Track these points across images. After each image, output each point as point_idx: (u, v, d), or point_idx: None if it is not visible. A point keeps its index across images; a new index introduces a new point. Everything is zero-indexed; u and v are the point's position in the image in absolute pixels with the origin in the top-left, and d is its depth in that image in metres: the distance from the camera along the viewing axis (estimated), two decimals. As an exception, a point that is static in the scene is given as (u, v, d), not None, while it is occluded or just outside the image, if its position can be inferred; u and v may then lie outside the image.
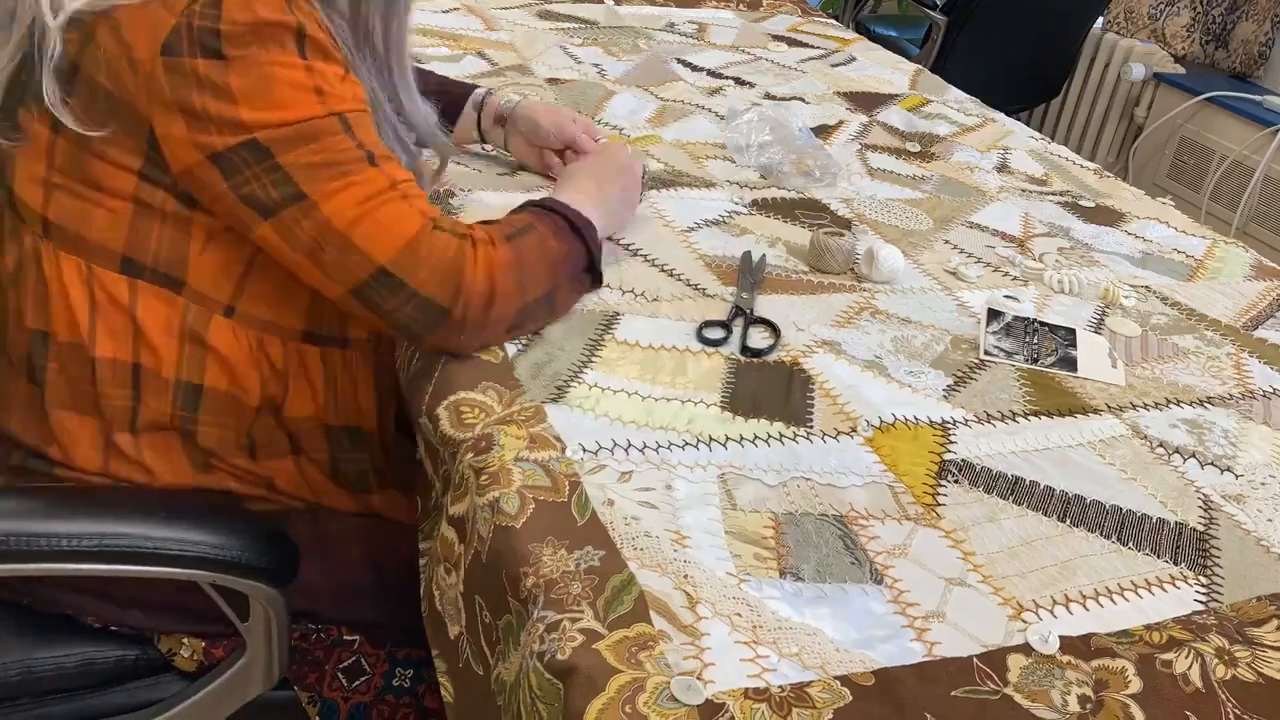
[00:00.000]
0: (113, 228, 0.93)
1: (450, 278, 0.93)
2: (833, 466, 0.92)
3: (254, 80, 0.87)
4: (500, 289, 0.95)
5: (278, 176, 0.89)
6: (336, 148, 0.90)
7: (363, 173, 0.91)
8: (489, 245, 0.96)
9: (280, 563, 0.96)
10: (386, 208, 0.92)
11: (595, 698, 0.67)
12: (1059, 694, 0.73)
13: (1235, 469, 1.00)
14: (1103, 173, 1.67)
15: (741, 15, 2.27)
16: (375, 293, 0.92)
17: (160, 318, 0.96)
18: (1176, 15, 3.29)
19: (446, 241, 0.93)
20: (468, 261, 0.94)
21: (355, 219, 0.90)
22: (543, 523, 0.80)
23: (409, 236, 0.92)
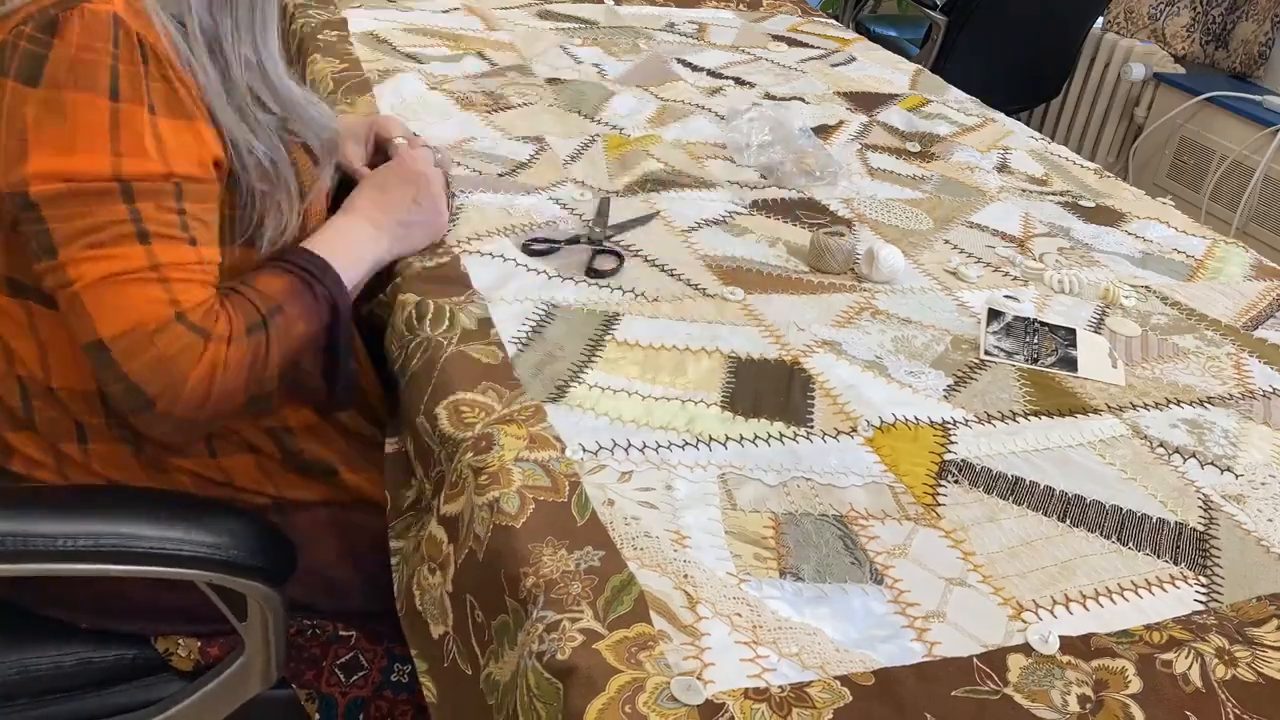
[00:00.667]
0: None
1: (165, 374, 0.88)
2: (833, 466, 0.92)
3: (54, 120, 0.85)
4: (221, 390, 0.91)
5: (40, 230, 0.86)
6: (106, 216, 0.87)
7: (122, 247, 0.87)
8: (224, 343, 0.91)
9: (277, 561, 0.95)
10: (132, 288, 0.87)
11: (595, 698, 0.67)
12: (1059, 694, 0.73)
13: (1235, 469, 1.00)
14: (1103, 173, 1.67)
15: (741, 15, 2.27)
16: (94, 360, 0.89)
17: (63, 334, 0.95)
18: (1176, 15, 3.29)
19: (177, 336, 0.88)
20: (191, 360, 0.89)
21: (93, 286, 0.87)
22: (543, 523, 0.80)
23: (138, 322, 0.87)
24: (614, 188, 1.37)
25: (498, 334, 1.02)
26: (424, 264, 1.13)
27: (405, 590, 0.91)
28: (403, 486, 1.00)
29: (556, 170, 1.39)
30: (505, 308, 1.07)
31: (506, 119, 1.53)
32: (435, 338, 1.01)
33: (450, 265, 1.13)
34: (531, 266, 1.15)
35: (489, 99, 1.59)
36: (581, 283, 1.13)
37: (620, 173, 1.41)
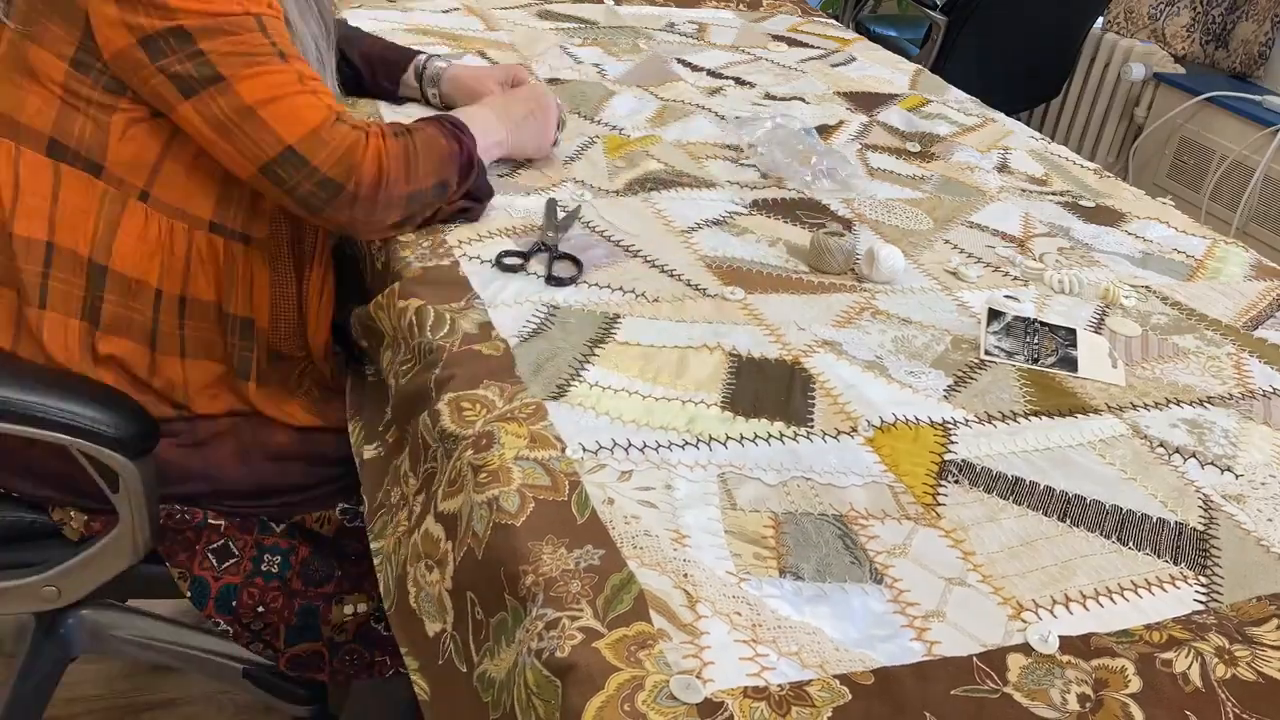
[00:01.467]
0: (42, 112, 1.04)
1: (346, 159, 1.07)
2: (833, 466, 0.92)
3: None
4: (389, 174, 1.10)
5: (199, 60, 1.00)
6: (252, 42, 1.02)
7: (274, 65, 1.04)
8: (380, 138, 1.11)
9: (135, 435, 1.05)
10: (297, 98, 1.05)
11: (594, 696, 0.67)
12: (1058, 693, 0.73)
13: (1235, 469, 1.00)
14: (1103, 173, 1.68)
15: (741, 15, 2.27)
16: (282, 169, 1.06)
17: (80, 199, 1.06)
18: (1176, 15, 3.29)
19: (345, 131, 1.08)
20: (361, 148, 1.08)
21: (267, 102, 1.03)
22: (542, 521, 0.80)
23: (315, 123, 1.06)
24: (613, 187, 1.37)
25: (499, 335, 1.02)
26: (423, 265, 1.13)
27: (396, 587, 0.91)
28: (378, 489, 1.00)
29: (556, 170, 1.39)
30: (505, 310, 1.07)
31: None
32: (436, 342, 1.01)
33: (449, 269, 1.13)
34: (530, 270, 1.15)
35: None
36: (582, 284, 1.14)
37: (620, 173, 1.41)
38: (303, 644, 1.20)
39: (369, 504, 1.00)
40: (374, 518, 0.99)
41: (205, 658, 1.36)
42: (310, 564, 1.19)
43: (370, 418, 1.10)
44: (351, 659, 1.23)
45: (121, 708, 1.59)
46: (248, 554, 1.17)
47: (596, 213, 1.29)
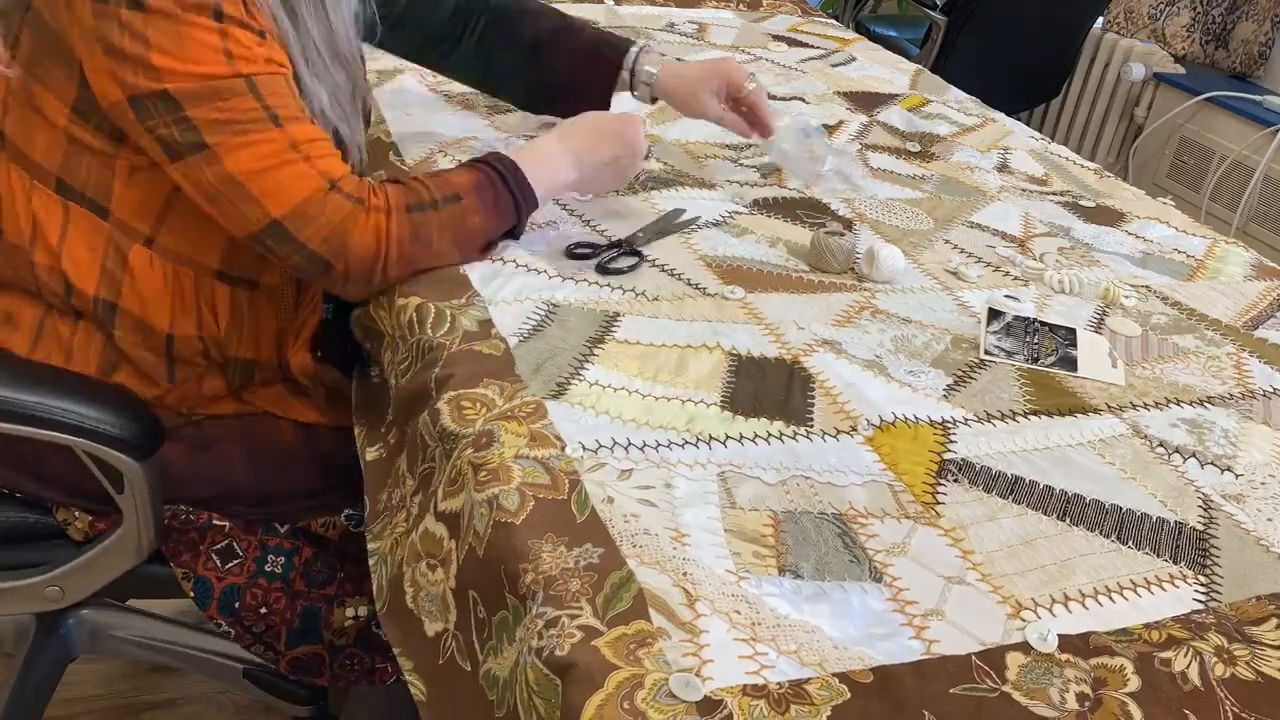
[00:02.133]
0: (50, 151, 1.02)
1: (334, 239, 1.02)
2: (832, 465, 0.92)
3: (169, 35, 0.94)
4: (388, 255, 1.04)
5: (186, 127, 0.97)
6: (240, 107, 0.97)
7: (264, 132, 0.98)
8: (382, 214, 1.04)
9: (141, 436, 1.06)
10: (286, 168, 0.99)
11: (594, 694, 0.67)
12: (1057, 692, 0.73)
13: (1235, 468, 1.00)
14: (1103, 173, 1.68)
15: (741, 15, 2.27)
16: (270, 240, 1.02)
17: (86, 239, 1.05)
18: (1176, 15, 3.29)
19: (339, 205, 1.01)
20: (358, 226, 1.02)
21: (254, 174, 0.99)
22: (542, 519, 0.80)
23: (302, 197, 1.00)
24: (614, 187, 1.37)
25: (499, 333, 1.02)
26: (424, 263, 1.13)
27: (390, 587, 0.91)
28: (379, 491, 1.00)
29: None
30: (505, 308, 1.07)
31: (506, 119, 1.53)
32: (436, 339, 1.01)
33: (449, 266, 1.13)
34: (532, 266, 1.15)
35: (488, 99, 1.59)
36: (582, 282, 1.14)
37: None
38: (303, 646, 1.20)
39: (370, 506, 1.00)
40: (374, 520, 0.99)
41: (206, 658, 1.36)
42: (313, 566, 1.19)
43: (373, 420, 1.10)
44: (352, 663, 1.23)
45: (121, 708, 1.59)
46: (251, 555, 1.17)
47: (596, 211, 1.29)
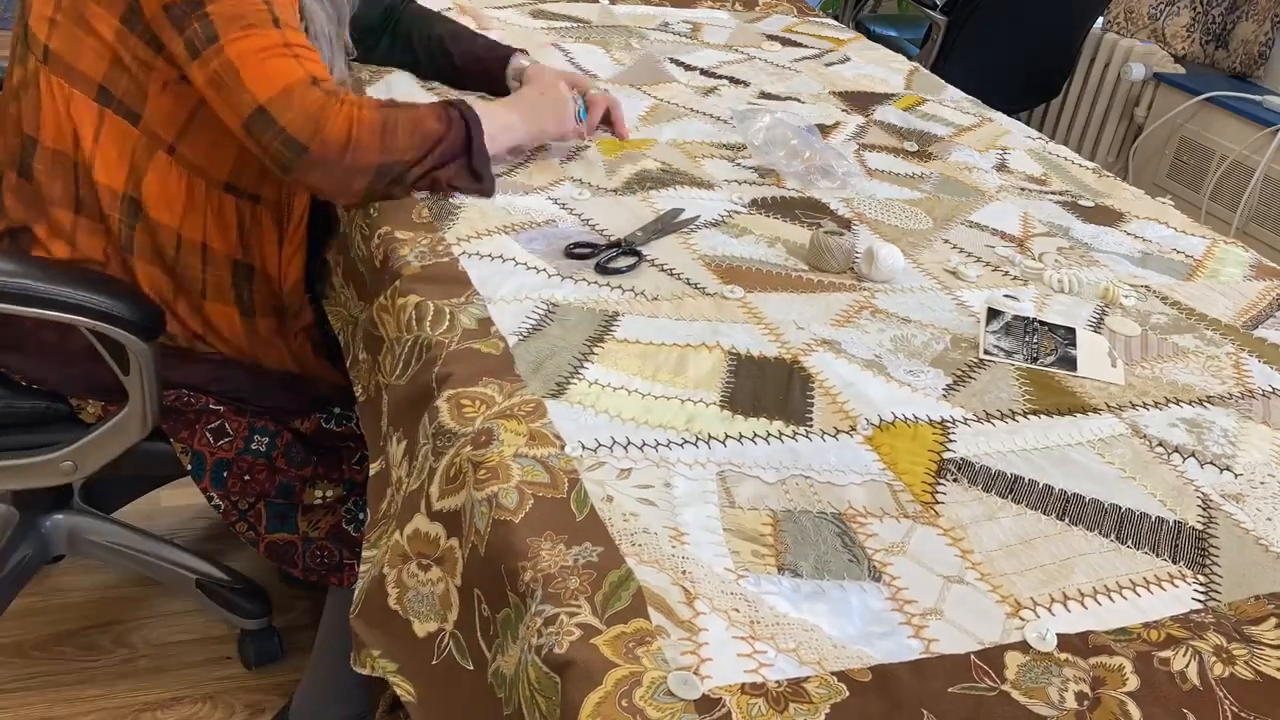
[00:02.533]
0: (96, 62, 1.18)
1: (312, 122, 1.13)
2: (832, 464, 0.92)
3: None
4: (358, 141, 1.16)
5: (204, 22, 1.12)
6: (249, 6, 1.13)
7: (264, 29, 1.13)
8: (356, 106, 1.16)
9: (145, 318, 1.22)
10: (276, 60, 1.13)
11: (592, 692, 0.67)
12: (1056, 691, 0.73)
13: (1234, 468, 1.00)
14: (1102, 172, 1.68)
15: (736, 15, 2.27)
16: (256, 127, 1.14)
17: (117, 143, 1.21)
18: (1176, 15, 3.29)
19: (317, 95, 1.14)
20: (331, 113, 1.14)
21: (249, 61, 1.12)
22: (541, 518, 0.80)
23: (286, 84, 1.13)
24: (611, 186, 1.37)
25: (498, 331, 1.02)
26: (422, 263, 1.13)
27: (371, 591, 0.90)
28: (380, 500, 1.00)
29: (553, 170, 1.39)
30: (505, 306, 1.07)
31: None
32: (436, 337, 1.01)
33: (449, 265, 1.13)
34: (531, 265, 1.15)
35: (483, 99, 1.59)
36: (581, 281, 1.14)
37: (617, 171, 1.41)
38: (281, 533, 1.37)
39: (371, 516, 1.00)
40: (372, 529, 0.99)
41: (165, 566, 1.61)
42: (293, 448, 1.37)
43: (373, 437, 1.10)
44: (322, 556, 1.39)
45: (121, 708, 1.59)
46: (240, 434, 1.34)
47: (595, 210, 1.29)
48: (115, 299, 1.20)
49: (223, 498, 1.34)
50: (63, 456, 1.30)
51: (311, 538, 1.39)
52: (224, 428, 1.34)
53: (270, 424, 1.36)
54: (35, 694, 1.59)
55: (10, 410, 1.30)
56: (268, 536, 1.37)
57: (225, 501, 1.34)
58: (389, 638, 0.87)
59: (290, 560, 1.39)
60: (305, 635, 1.72)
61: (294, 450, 1.37)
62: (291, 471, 1.37)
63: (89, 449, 1.30)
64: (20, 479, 1.34)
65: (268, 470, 1.35)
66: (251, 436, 1.35)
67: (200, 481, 1.33)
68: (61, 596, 1.74)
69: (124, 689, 1.62)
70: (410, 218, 1.21)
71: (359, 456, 1.41)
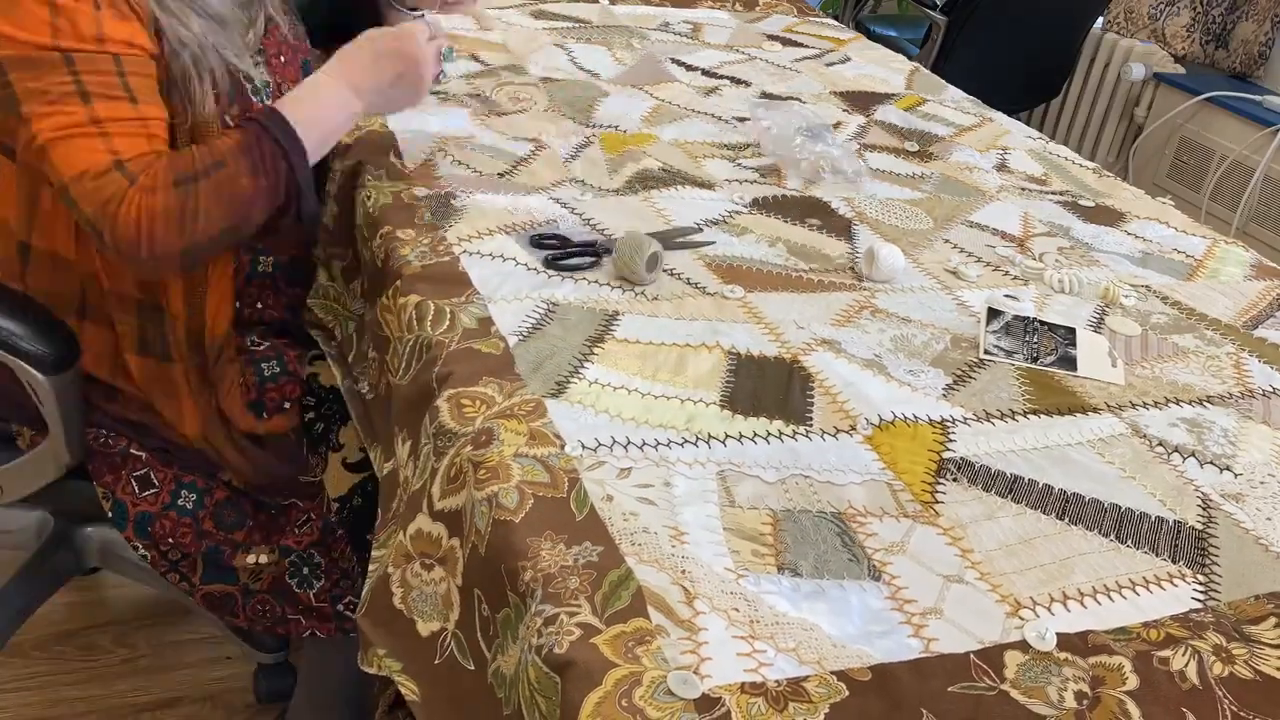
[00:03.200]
0: None
1: (103, 216, 1.04)
2: (832, 464, 0.92)
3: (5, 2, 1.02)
4: (150, 234, 1.05)
5: (7, 91, 1.04)
6: (51, 80, 1.04)
7: (68, 105, 1.04)
8: (147, 192, 1.04)
9: (52, 352, 1.14)
10: (79, 140, 1.04)
11: (592, 691, 0.67)
12: (1055, 690, 0.73)
13: (1234, 468, 1.00)
14: (1102, 172, 1.68)
15: (737, 15, 2.27)
16: (65, 201, 1.06)
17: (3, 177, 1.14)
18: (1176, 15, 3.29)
19: (113, 181, 1.04)
20: (121, 205, 1.04)
21: (52, 141, 1.04)
22: (541, 518, 0.80)
23: (81, 168, 1.04)
24: (612, 185, 1.37)
25: (498, 331, 1.02)
26: (423, 263, 1.13)
27: (377, 591, 0.90)
28: (391, 500, 1.00)
29: (557, 169, 1.39)
30: (505, 306, 1.07)
31: (502, 119, 1.53)
32: (436, 337, 1.01)
33: (449, 265, 1.13)
34: (531, 265, 1.15)
35: (483, 99, 1.59)
36: (581, 280, 1.14)
37: (619, 171, 1.41)
38: (217, 584, 1.27)
39: (381, 516, 1.00)
40: (382, 529, 0.99)
41: None
42: (224, 508, 1.25)
43: (382, 435, 1.10)
44: (263, 609, 1.29)
45: (121, 708, 1.59)
46: (167, 487, 1.24)
47: (597, 211, 1.30)
48: (20, 324, 1.12)
49: (149, 548, 1.24)
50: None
51: (252, 589, 1.28)
52: (149, 477, 1.24)
53: (199, 479, 1.25)
54: (35, 694, 1.59)
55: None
56: (203, 588, 1.27)
57: (153, 552, 1.24)
58: (394, 637, 0.88)
59: (229, 611, 1.29)
60: (305, 635, 1.72)
61: (225, 511, 1.25)
62: (220, 535, 1.25)
63: (11, 474, 1.24)
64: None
65: (193, 533, 1.24)
66: (179, 491, 1.24)
67: (123, 531, 1.23)
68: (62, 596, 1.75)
69: (124, 689, 1.62)
70: (411, 217, 1.21)
71: (305, 520, 1.29)
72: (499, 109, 1.55)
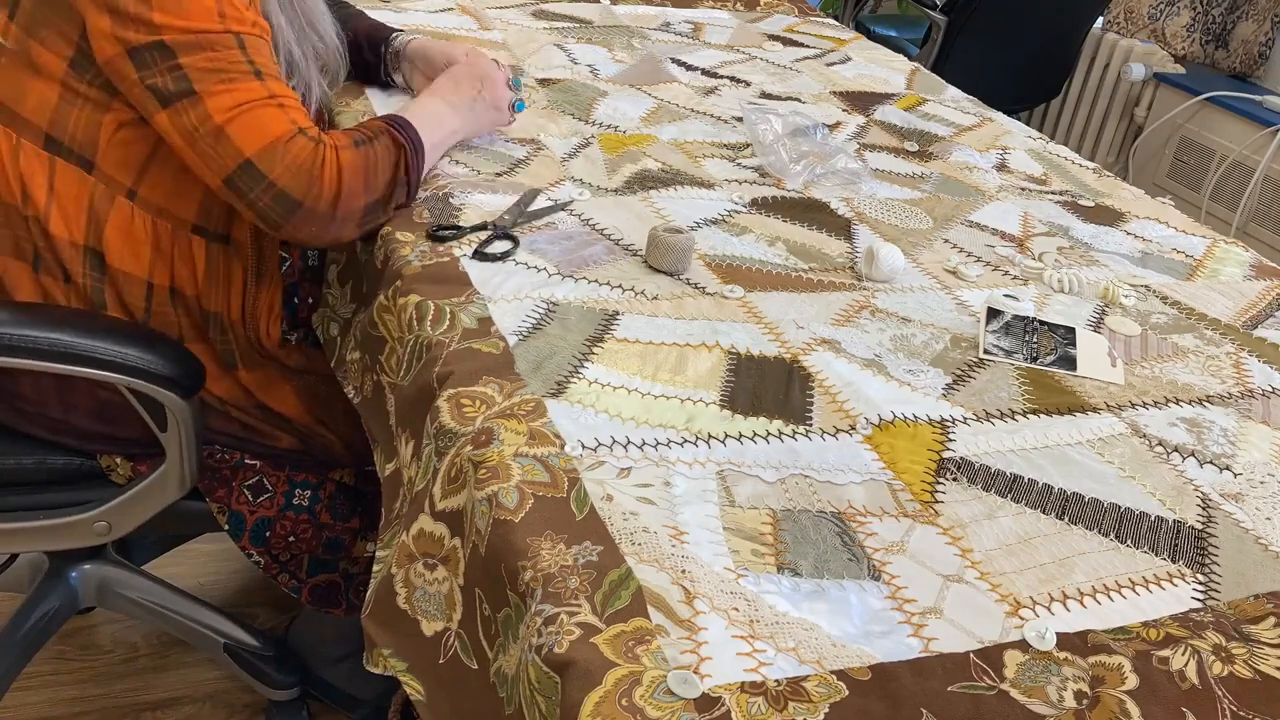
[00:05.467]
0: (41, 108, 1.11)
1: (304, 175, 1.10)
2: (832, 464, 0.92)
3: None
4: (347, 187, 1.13)
5: (177, 74, 1.06)
6: (227, 59, 1.07)
7: (246, 82, 1.08)
8: (337, 150, 1.13)
9: (187, 375, 1.16)
10: (260, 111, 1.09)
11: (592, 691, 0.67)
12: (1055, 690, 0.73)
13: (1234, 467, 1.00)
14: (1102, 172, 1.68)
15: (737, 15, 2.27)
16: (242, 182, 1.10)
17: (73, 192, 1.14)
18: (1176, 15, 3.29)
19: (304, 145, 1.11)
20: (321, 163, 1.11)
21: (231, 117, 1.08)
22: (541, 517, 0.80)
23: (273, 137, 1.09)
24: (612, 186, 1.37)
25: (498, 330, 1.03)
26: (423, 263, 1.13)
27: (381, 591, 0.91)
28: (394, 501, 1.00)
29: (554, 169, 1.39)
30: (505, 305, 1.07)
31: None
32: (436, 337, 1.01)
33: (449, 265, 1.13)
34: (531, 264, 1.15)
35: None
36: (581, 280, 1.14)
37: (618, 171, 1.41)
38: (322, 574, 1.34)
39: (385, 517, 1.00)
40: (385, 530, 0.99)
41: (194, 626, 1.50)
42: (337, 499, 1.32)
43: (383, 436, 1.10)
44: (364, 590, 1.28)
45: (121, 708, 1.59)
46: (280, 489, 1.29)
47: (596, 211, 1.30)
48: (154, 354, 1.14)
49: (263, 554, 1.30)
50: (96, 517, 1.25)
51: (353, 574, 1.35)
52: (263, 484, 1.29)
53: (311, 476, 1.31)
54: (35, 694, 1.59)
55: (41, 465, 1.25)
56: (310, 581, 1.33)
57: (266, 557, 1.30)
58: (399, 637, 0.88)
59: (333, 602, 1.35)
60: (305, 635, 1.72)
61: (339, 501, 1.32)
62: (339, 525, 1.32)
63: (123, 509, 1.24)
64: (53, 540, 1.28)
65: (313, 527, 1.30)
66: (292, 491, 1.30)
67: (239, 541, 1.28)
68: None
69: (124, 689, 1.62)
70: (411, 218, 1.21)
71: None
72: None
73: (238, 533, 1.27)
